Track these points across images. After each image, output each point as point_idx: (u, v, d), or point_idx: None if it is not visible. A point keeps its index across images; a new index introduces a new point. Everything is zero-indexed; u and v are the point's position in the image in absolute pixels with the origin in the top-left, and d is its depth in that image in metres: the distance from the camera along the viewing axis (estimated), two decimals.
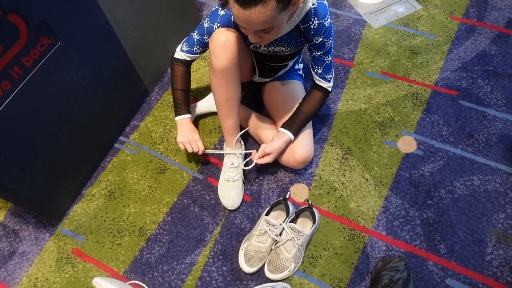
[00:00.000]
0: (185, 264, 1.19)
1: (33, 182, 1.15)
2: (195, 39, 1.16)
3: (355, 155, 1.36)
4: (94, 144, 1.36)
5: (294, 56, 1.23)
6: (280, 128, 1.21)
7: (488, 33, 1.63)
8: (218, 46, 1.05)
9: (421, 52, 1.61)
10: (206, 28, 1.11)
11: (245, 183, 1.32)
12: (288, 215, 1.19)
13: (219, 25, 1.08)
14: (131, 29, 1.31)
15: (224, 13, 1.07)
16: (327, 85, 1.19)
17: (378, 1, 1.78)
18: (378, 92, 1.51)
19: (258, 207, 1.28)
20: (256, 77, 1.35)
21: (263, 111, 1.43)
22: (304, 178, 1.33)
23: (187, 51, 1.20)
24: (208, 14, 1.10)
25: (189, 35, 1.19)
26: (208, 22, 1.10)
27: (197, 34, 1.15)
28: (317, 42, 1.09)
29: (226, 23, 1.07)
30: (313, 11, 1.02)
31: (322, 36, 1.07)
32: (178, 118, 1.27)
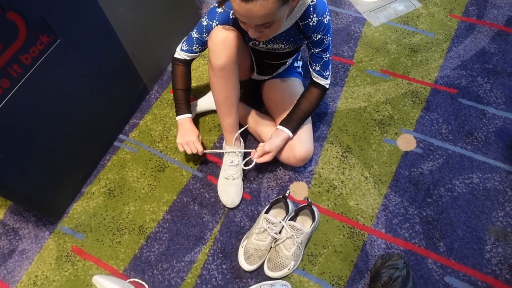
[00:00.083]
0: (185, 262, 1.19)
1: (32, 180, 1.15)
2: (194, 38, 1.16)
3: (354, 153, 1.36)
4: (93, 142, 1.36)
5: (293, 53, 1.23)
6: (279, 126, 1.21)
7: (487, 31, 1.63)
8: (217, 44, 1.05)
9: (420, 50, 1.60)
10: (204, 26, 1.11)
11: (245, 181, 1.32)
12: (287, 213, 1.19)
13: (217, 22, 1.08)
14: (130, 27, 1.31)
15: (222, 11, 1.07)
16: (324, 82, 1.20)
17: None
18: (378, 90, 1.51)
19: (257, 205, 1.28)
20: (255, 75, 1.35)
21: (262, 108, 1.43)
22: (304, 176, 1.33)
23: (186, 50, 1.20)
24: (207, 12, 1.10)
25: (189, 34, 1.18)
26: (207, 20, 1.10)
27: (196, 33, 1.15)
28: (315, 39, 1.09)
29: (225, 20, 1.07)
30: (312, 8, 1.02)
31: (321, 33, 1.07)
32: (178, 118, 1.28)
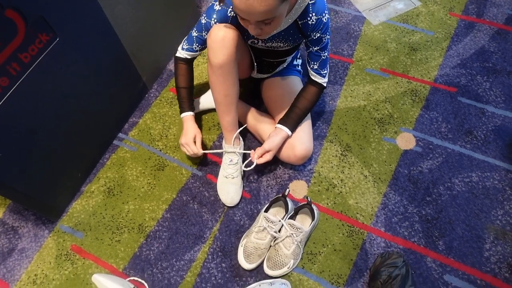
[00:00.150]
0: (184, 260, 1.19)
1: (31, 179, 1.14)
2: (194, 37, 1.16)
3: (354, 151, 1.36)
4: (92, 141, 1.36)
5: (292, 51, 1.23)
6: (277, 125, 1.21)
7: (487, 30, 1.63)
8: (216, 42, 1.04)
9: (420, 48, 1.60)
10: (203, 24, 1.11)
11: (244, 179, 1.32)
12: (287, 212, 1.19)
13: (215, 20, 1.08)
14: (129, 25, 1.31)
15: (220, 8, 1.06)
16: (322, 81, 1.20)
17: None
18: (377, 88, 1.51)
19: (257, 203, 1.28)
20: (255, 73, 1.35)
21: (262, 107, 1.43)
22: (303, 174, 1.33)
23: (187, 49, 1.20)
24: (205, 10, 1.10)
25: (189, 33, 1.18)
26: (205, 18, 1.10)
27: (196, 31, 1.15)
28: (314, 37, 1.09)
29: (223, 18, 1.07)
30: (311, 7, 1.02)
31: (320, 31, 1.07)
32: (181, 116, 1.28)
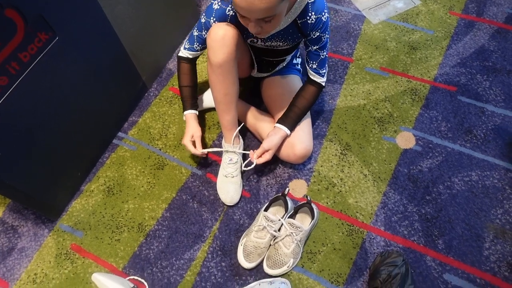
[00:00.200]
0: (184, 259, 1.20)
1: (31, 178, 1.14)
2: (195, 36, 1.16)
3: (353, 150, 1.36)
4: (92, 140, 1.36)
5: (292, 50, 1.23)
6: (276, 124, 1.21)
7: (487, 29, 1.63)
8: (216, 41, 1.04)
9: (420, 47, 1.60)
10: (203, 23, 1.11)
11: (244, 178, 1.32)
12: (286, 211, 1.19)
13: (214, 19, 1.08)
14: (129, 24, 1.31)
15: (219, 7, 1.06)
16: (321, 80, 1.20)
17: None
18: (377, 87, 1.51)
19: (256, 202, 1.28)
20: (255, 72, 1.35)
21: (261, 106, 1.43)
22: (303, 174, 1.33)
23: (189, 49, 1.20)
24: (205, 10, 1.10)
25: (191, 32, 1.18)
26: (204, 17, 1.10)
27: (196, 31, 1.15)
28: (314, 36, 1.09)
29: (222, 17, 1.07)
30: (310, 6, 1.02)
31: (319, 31, 1.07)
32: (184, 113, 1.28)
